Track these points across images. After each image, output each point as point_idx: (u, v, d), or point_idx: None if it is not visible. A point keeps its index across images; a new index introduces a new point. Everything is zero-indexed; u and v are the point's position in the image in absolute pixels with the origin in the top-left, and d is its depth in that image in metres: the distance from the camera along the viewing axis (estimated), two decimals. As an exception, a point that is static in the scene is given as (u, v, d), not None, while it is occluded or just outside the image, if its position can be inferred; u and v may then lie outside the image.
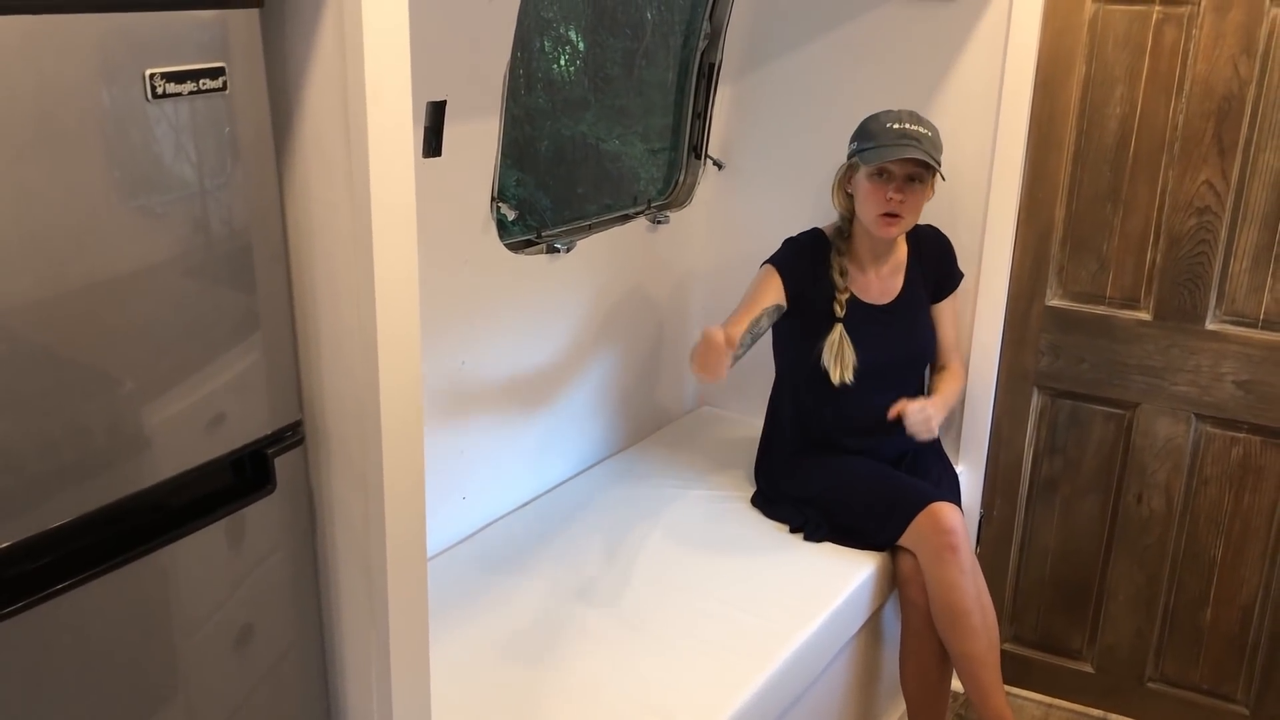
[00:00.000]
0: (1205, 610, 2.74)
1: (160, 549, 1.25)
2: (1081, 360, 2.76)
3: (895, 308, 2.61)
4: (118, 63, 1.10)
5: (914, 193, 2.46)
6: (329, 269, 1.33)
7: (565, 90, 3.13)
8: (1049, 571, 2.91)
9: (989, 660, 2.42)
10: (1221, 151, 2.52)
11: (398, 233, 1.31)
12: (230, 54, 1.20)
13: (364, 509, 1.39)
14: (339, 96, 1.26)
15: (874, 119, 2.49)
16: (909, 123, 2.44)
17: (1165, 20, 2.52)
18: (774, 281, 2.54)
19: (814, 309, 2.57)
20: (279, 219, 1.32)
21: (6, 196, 1.04)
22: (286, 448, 1.35)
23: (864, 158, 2.45)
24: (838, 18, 2.87)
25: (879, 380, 2.54)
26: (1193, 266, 2.60)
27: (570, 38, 3.10)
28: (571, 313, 2.75)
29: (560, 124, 3.15)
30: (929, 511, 2.40)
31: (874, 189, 2.46)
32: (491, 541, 2.54)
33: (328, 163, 1.29)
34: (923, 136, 2.42)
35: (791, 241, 2.64)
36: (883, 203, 2.45)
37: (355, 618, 1.46)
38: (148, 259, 1.18)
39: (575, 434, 2.86)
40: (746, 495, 2.78)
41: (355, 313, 1.32)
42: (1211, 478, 2.67)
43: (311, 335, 1.37)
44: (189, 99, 1.16)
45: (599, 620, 2.26)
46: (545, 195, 3.02)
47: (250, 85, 1.23)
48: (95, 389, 1.16)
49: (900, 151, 2.40)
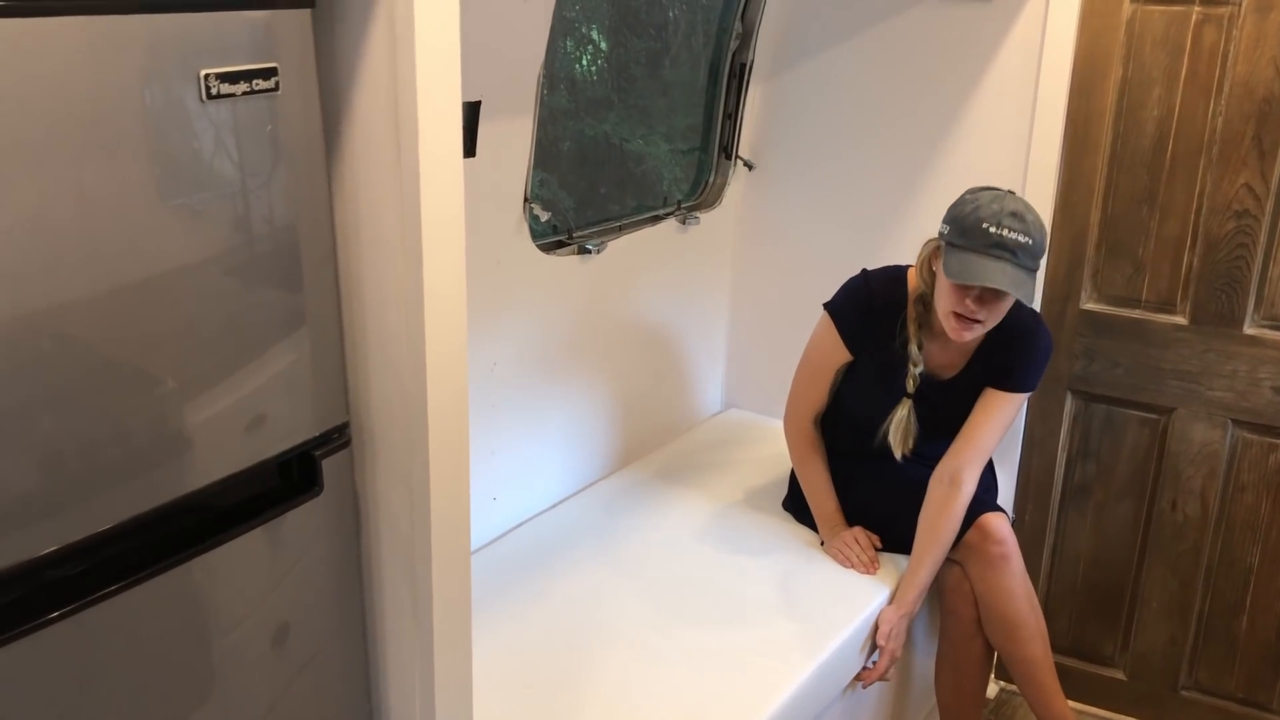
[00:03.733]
0: (1241, 618, 2.72)
1: (206, 553, 1.25)
2: (1116, 364, 2.73)
3: (955, 383, 2.43)
4: (172, 63, 1.10)
5: (998, 303, 2.21)
6: (377, 270, 1.33)
7: (588, 90, 3.12)
8: (1081, 577, 2.88)
9: (1046, 663, 2.42)
10: (1261, 154, 2.50)
11: (446, 234, 1.30)
12: (282, 54, 1.19)
13: (409, 510, 1.39)
14: (389, 97, 1.25)
15: (974, 206, 2.18)
16: (1008, 228, 2.12)
17: (1205, 21, 2.50)
18: (834, 339, 2.44)
19: (875, 361, 2.44)
20: (328, 220, 1.31)
21: (65, 198, 1.04)
22: (333, 450, 1.35)
23: (947, 266, 2.19)
24: (870, 18, 2.86)
25: (922, 451, 2.46)
26: (1230, 270, 2.57)
27: (593, 37, 3.09)
28: (602, 313, 2.75)
29: (583, 124, 3.15)
30: (980, 524, 2.37)
31: (955, 289, 2.20)
32: (522, 543, 2.54)
33: (377, 164, 1.29)
34: (1019, 247, 2.12)
35: (865, 283, 2.43)
36: (959, 303, 2.20)
37: (398, 620, 1.46)
38: (197, 258, 1.17)
39: (606, 435, 2.85)
40: (775, 498, 2.77)
41: (403, 314, 1.31)
42: (1248, 484, 2.65)
43: (359, 337, 1.37)
44: (242, 99, 1.16)
45: (632, 623, 2.25)
46: (569, 195, 3.01)
47: (301, 86, 1.23)
48: (143, 390, 1.15)
49: (988, 278, 2.12)
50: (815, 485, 2.57)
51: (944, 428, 2.42)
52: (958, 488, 2.34)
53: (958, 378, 2.42)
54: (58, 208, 1.04)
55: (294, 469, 1.32)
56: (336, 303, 1.35)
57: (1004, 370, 2.37)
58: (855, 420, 2.54)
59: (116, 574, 1.17)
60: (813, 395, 2.54)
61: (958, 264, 2.16)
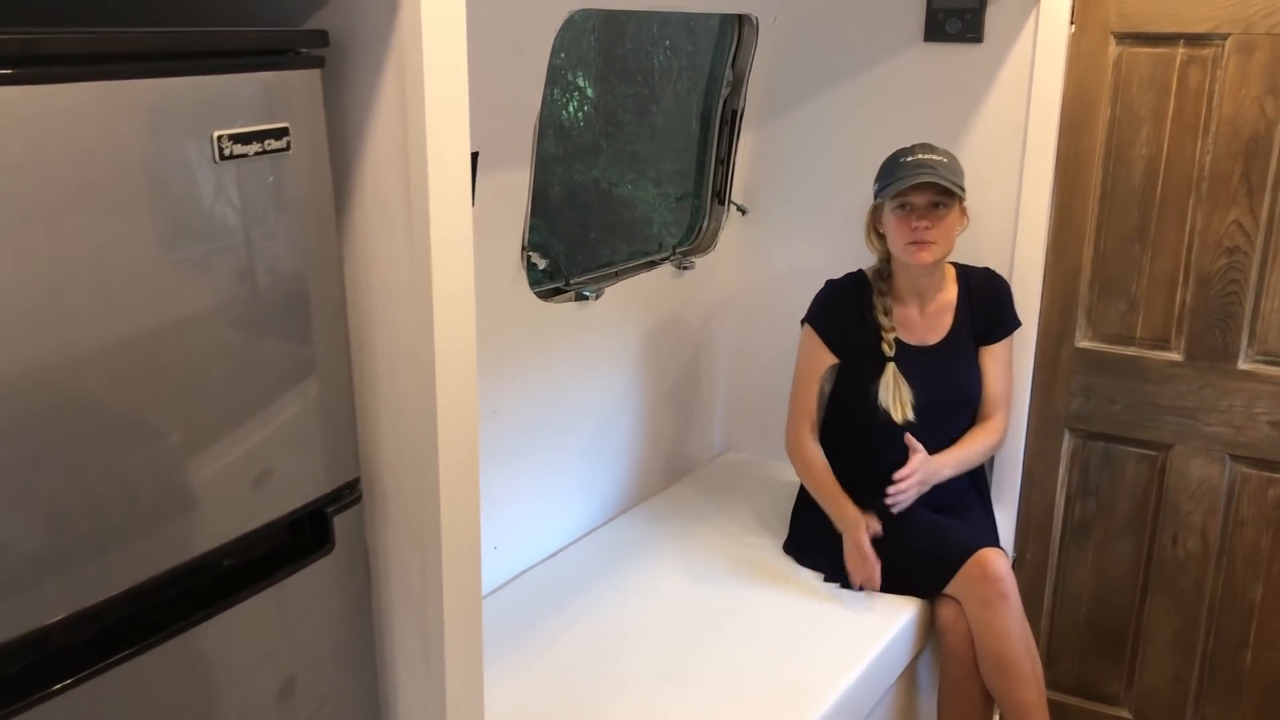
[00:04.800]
0: (1245, 653, 2.72)
1: (218, 615, 1.24)
2: (1113, 401, 2.74)
3: (941, 349, 2.59)
4: (186, 126, 1.11)
5: (940, 218, 2.45)
6: (387, 325, 1.33)
7: (575, 136, 3.14)
8: (1084, 615, 2.88)
9: (1040, 708, 2.40)
10: (1250, 191, 2.53)
11: (456, 289, 1.31)
12: (292, 114, 1.20)
13: (421, 565, 1.38)
14: (399, 154, 1.26)
15: (889, 158, 2.53)
16: (922, 153, 2.47)
17: (1190, 62, 2.54)
18: (815, 343, 2.63)
19: (861, 352, 2.58)
20: (338, 275, 1.31)
21: (81, 259, 1.05)
22: (345, 506, 1.34)
23: (884, 194, 2.47)
24: (860, 63, 2.89)
25: (926, 423, 2.53)
26: (1224, 306, 2.59)
27: (579, 84, 3.12)
28: (600, 359, 2.75)
29: (573, 170, 3.17)
30: (977, 559, 2.38)
31: (899, 221, 2.47)
32: (524, 592, 2.52)
33: (387, 219, 1.29)
34: (937, 163, 2.43)
35: (831, 285, 2.65)
36: (909, 232, 2.45)
37: (410, 675, 1.44)
38: (211, 315, 1.17)
39: (605, 481, 2.85)
40: (777, 541, 2.76)
41: (414, 369, 1.32)
42: (1248, 519, 2.65)
43: (369, 392, 1.37)
44: (254, 159, 1.16)
45: (636, 671, 2.24)
46: (559, 240, 3.03)
47: (311, 144, 1.23)
48: (153, 446, 1.15)
49: (914, 179, 2.41)
50: (828, 493, 2.61)
51: (944, 392, 2.57)
52: (993, 423, 2.62)
53: (944, 343, 2.59)
54: (73, 269, 1.04)
55: (305, 526, 1.32)
56: (347, 358, 1.35)
57: (988, 326, 2.62)
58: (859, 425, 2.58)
59: (125, 640, 1.16)
60: (804, 406, 2.65)
61: (890, 190, 2.44)
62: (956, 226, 2.50)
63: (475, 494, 1.39)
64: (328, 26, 1.24)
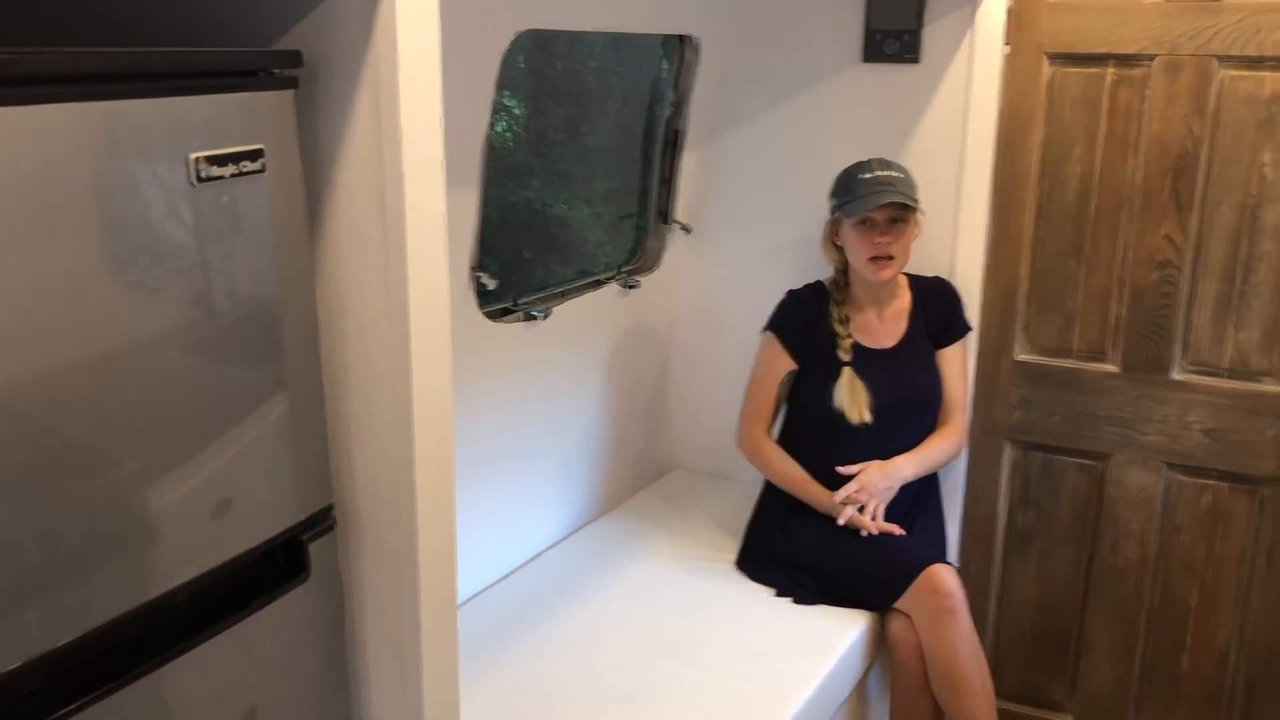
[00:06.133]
0: (1183, 657, 2.78)
1: (188, 652, 1.20)
2: (1052, 413, 2.80)
3: (898, 352, 2.66)
4: (162, 147, 1.08)
5: (899, 233, 2.53)
6: (362, 349, 1.31)
7: (506, 157, 3.14)
8: (1028, 624, 2.93)
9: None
10: (1180, 207, 2.60)
11: (432, 311, 1.30)
12: (267, 135, 1.18)
13: (397, 591, 1.36)
14: (374, 175, 1.25)
15: (847, 173, 2.58)
16: (880, 169, 2.53)
17: (1119, 82, 2.61)
18: (775, 349, 2.67)
19: (820, 358, 2.64)
20: (311, 298, 1.29)
21: (59, 281, 1.02)
22: (320, 533, 1.32)
23: (845, 211, 2.53)
24: (800, 83, 2.93)
25: (884, 427, 2.58)
26: (1157, 319, 2.67)
27: (508, 105, 3.11)
28: (550, 379, 2.74)
29: (506, 190, 3.16)
30: (928, 574, 2.41)
31: (860, 238, 2.53)
32: (476, 616, 2.49)
33: (362, 241, 1.28)
34: (895, 180, 2.51)
35: (791, 295, 2.71)
36: (871, 248, 2.52)
37: (385, 704, 1.42)
38: (181, 338, 1.14)
39: (556, 501, 2.84)
40: (728, 558, 2.77)
41: (390, 393, 1.30)
42: (1184, 525, 2.73)
43: (342, 417, 1.34)
44: (229, 181, 1.14)
45: (592, 693, 2.23)
46: (493, 261, 3.02)
47: (285, 166, 1.22)
48: (107, 475, 1.11)
49: (878, 199, 2.48)
50: (797, 481, 2.66)
51: (903, 394, 2.63)
52: (952, 426, 2.70)
53: (900, 346, 2.66)
54: (47, 292, 1.01)
55: (279, 555, 1.29)
56: (320, 382, 1.32)
57: (942, 329, 2.70)
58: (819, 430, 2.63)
59: (85, 684, 1.10)
60: (760, 407, 2.72)
61: (854, 208, 2.51)
62: (913, 239, 2.59)
63: (452, 518, 1.37)
64: (300, 47, 1.23)
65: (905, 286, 2.70)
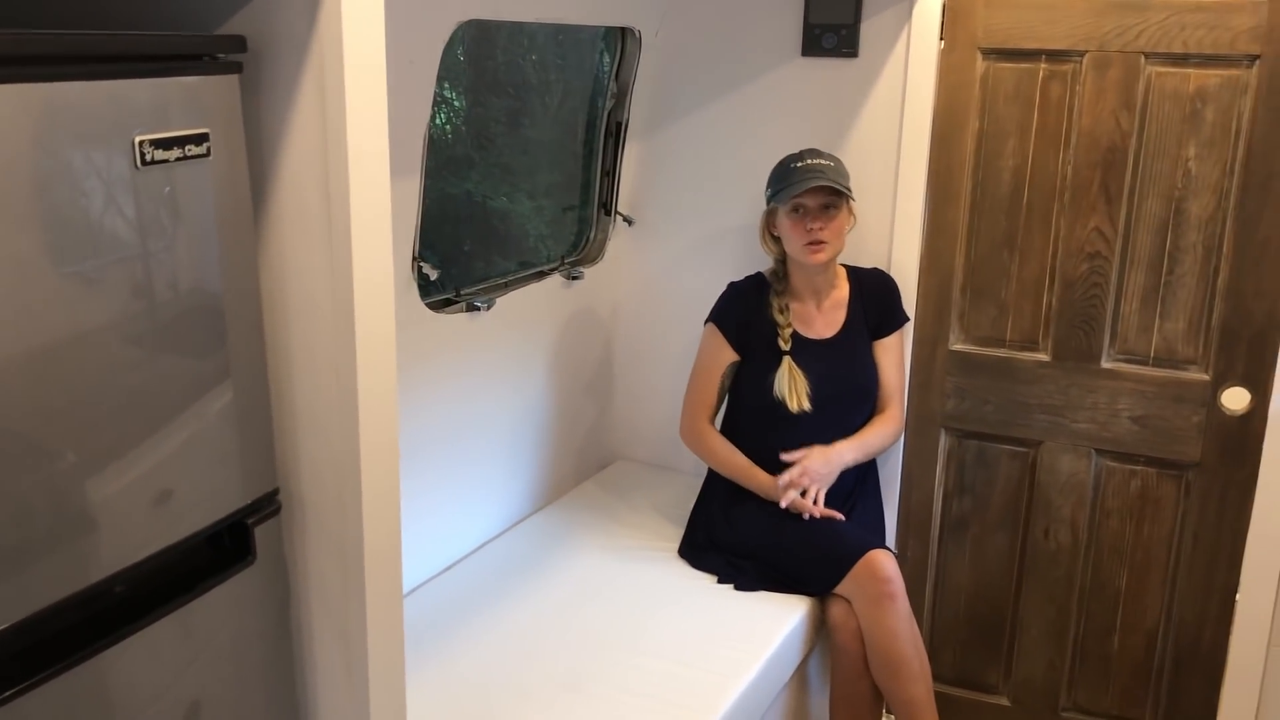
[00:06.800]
0: (1113, 638, 2.86)
1: (134, 635, 1.20)
2: (986, 402, 2.86)
3: (837, 342, 2.71)
4: (105, 130, 1.08)
5: (831, 219, 2.59)
6: (306, 334, 1.31)
7: (446, 149, 3.13)
8: (963, 609, 2.99)
9: (928, 705, 2.48)
10: (1109, 200, 2.67)
11: (377, 297, 1.30)
12: (212, 119, 1.18)
13: (342, 574, 1.37)
14: (319, 161, 1.25)
15: (781, 164, 2.65)
16: (810, 159, 2.60)
17: (1051, 77, 2.67)
18: (718, 340, 2.72)
19: (761, 348, 2.69)
20: (255, 284, 1.29)
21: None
22: (265, 517, 1.32)
23: (779, 199, 2.59)
24: (740, 76, 2.96)
25: (824, 415, 2.63)
26: (1086, 309, 2.73)
27: (448, 97, 3.11)
28: (493, 369, 2.75)
29: (446, 182, 3.15)
30: (867, 560, 2.45)
31: (794, 224, 2.59)
32: (421, 605, 2.49)
33: (306, 226, 1.28)
34: (825, 168, 2.58)
35: (733, 287, 2.76)
36: (804, 234, 2.58)
37: (331, 688, 1.42)
38: (124, 325, 1.14)
39: (499, 491, 2.84)
40: (671, 547, 2.80)
41: (334, 378, 1.30)
42: (1113, 510, 2.80)
43: (286, 401, 1.35)
44: (174, 165, 1.14)
45: (537, 681, 2.24)
46: (433, 254, 3.02)
47: (231, 150, 1.22)
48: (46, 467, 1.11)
49: (807, 184, 2.54)
50: (740, 468, 2.71)
51: (841, 383, 2.69)
52: (890, 413, 2.76)
53: (839, 336, 2.72)
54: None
55: (225, 538, 1.29)
56: (264, 368, 1.32)
57: (880, 320, 2.76)
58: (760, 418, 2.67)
59: (18, 671, 1.10)
60: (704, 397, 2.76)
61: (786, 195, 2.57)
62: (846, 225, 2.64)
63: (396, 502, 1.38)
64: (245, 32, 1.23)
65: (844, 278, 2.75)
